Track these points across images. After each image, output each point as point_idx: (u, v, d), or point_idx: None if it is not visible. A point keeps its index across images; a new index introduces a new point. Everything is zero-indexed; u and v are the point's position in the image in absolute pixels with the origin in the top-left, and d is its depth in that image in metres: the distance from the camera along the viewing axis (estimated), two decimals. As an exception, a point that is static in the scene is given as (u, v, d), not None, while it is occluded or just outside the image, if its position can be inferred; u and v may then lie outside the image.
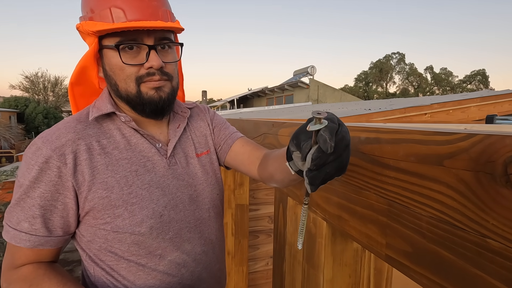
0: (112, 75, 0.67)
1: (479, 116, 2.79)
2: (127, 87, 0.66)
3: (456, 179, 0.36)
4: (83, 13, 0.67)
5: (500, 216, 0.31)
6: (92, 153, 0.66)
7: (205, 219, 0.79)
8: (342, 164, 0.43)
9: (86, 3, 0.66)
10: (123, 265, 0.69)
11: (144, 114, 0.71)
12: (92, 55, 0.66)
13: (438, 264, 0.38)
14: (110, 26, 0.60)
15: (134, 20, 0.61)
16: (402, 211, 0.44)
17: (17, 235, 0.62)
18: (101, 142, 0.68)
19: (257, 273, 2.31)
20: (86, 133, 0.67)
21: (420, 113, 2.65)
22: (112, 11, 0.61)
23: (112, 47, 0.64)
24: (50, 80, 24.28)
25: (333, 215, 0.63)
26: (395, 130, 0.46)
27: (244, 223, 2.06)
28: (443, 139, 0.38)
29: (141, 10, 0.62)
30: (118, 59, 0.64)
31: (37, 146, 0.64)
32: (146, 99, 0.67)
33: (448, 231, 0.37)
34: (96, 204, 0.65)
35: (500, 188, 0.31)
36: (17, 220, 0.62)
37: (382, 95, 39.94)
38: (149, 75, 0.65)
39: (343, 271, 0.70)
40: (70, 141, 0.64)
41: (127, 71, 0.65)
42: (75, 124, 0.68)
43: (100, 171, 0.65)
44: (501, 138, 0.31)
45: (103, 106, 0.69)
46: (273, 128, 0.97)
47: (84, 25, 0.63)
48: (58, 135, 0.65)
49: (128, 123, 0.70)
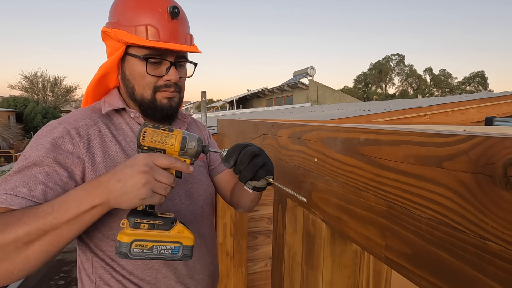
0: (131, 79, 0.75)
1: (478, 117, 2.79)
2: (144, 92, 0.75)
3: (455, 181, 0.36)
4: (114, 20, 0.73)
5: (499, 218, 0.31)
6: (105, 139, 0.73)
7: (198, 214, 0.86)
8: (255, 168, 0.64)
9: (121, 13, 0.72)
10: None
11: (154, 118, 0.80)
12: (117, 60, 0.74)
13: (438, 266, 0.38)
14: (147, 43, 0.69)
15: (165, 41, 0.71)
16: (401, 213, 0.44)
17: (11, 198, 0.57)
18: (112, 132, 0.75)
19: (256, 274, 2.31)
20: (100, 122, 0.74)
21: (419, 114, 2.66)
22: (148, 29, 0.70)
23: (140, 58, 0.72)
24: (50, 80, 24.24)
25: (332, 216, 0.62)
26: (395, 132, 0.46)
27: (243, 224, 2.06)
28: (442, 141, 0.38)
29: (171, 33, 0.73)
30: (141, 67, 0.73)
31: (53, 126, 0.69)
32: (159, 106, 0.77)
33: (448, 233, 0.37)
34: None
35: (499, 190, 0.31)
36: (13, 186, 0.58)
37: (381, 96, 40.00)
38: (166, 86, 0.76)
39: (342, 273, 0.70)
40: (86, 125, 0.71)
41: (148, 79, 0.74)
42: (90, 112, 0.76)
43: (111, 156, 0.72)
44: (501, 140, 0.31)
45: (115, 102, 0.77)
46: (273, 129, 0.97)
47: (117, 33, 0.70)
48: (75, 119, 0.72)
49: (136, 119, 0.79)
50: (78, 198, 0.56)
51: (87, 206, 0.55)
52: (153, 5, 0.72)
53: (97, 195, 0.55)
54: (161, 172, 0.57)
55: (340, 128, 0.60)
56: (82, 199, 0.55)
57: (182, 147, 0.60)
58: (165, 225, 0.60)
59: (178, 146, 0.60)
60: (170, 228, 0.60)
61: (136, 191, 0.55)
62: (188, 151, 0.61)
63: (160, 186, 0.57)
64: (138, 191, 0.55)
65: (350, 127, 0.57)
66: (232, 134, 1.52)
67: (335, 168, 0.61)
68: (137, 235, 0.57)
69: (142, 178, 0.55)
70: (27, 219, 0.53)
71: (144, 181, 0.55)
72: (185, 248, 0.61)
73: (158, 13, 0.71)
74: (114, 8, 0.74)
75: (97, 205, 0.56)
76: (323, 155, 0.66)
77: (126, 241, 0.56)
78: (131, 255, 0.57)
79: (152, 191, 0.56)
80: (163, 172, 0.58)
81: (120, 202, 0.56)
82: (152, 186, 0.56)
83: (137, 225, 0.58)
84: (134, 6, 0.71)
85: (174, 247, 0.60)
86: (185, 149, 0.61)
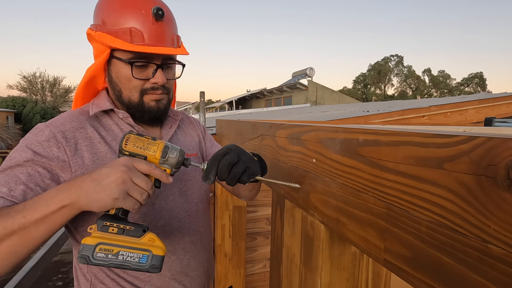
0: (117, 82, 0.75)
1: (477, 118, 2.79)
2: (131, 95, 0.75)
3: (456, 183, 0.35)
4: (98, 22, 0.72)
5: (501, 221, 0.30)
6: (93, 141, 0.72)
7: (193, 211, 0.86)
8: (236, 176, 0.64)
9: (105, 15, 0.71)
10: None
11: (142, 120, 0.80)
12: (103, 63, 0.73)
13: (438, 270, 0.37)
14: (131, 48, 0.68)
15: (150, 44, 0.70)
16: (401, 215, 0.43)
17: None
18: (101, 134, 0.74)
19: (254, 275, 2.30)
20: (87, 124, 0.74)
21: (418, 115, 2.66)
22: (132, 32, 0.69)
23: (124, 61, 0.71)
24: (49, 80, 24.16)
25: (331, 218, 0.62)
26: (394, 132, 0.45)
27: (242, 225, 2.05)
28: (443, 141, 0.37)
29: (157, 36, 0.71)
30: (127, 71, 0.72)
31: (40, 129, 0.68)
32: (147, 109, 0.76)
33: (448, 236, 0.36)
34: None
35: (502, 192, 0.30)
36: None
37: (380, 97, 40.07)
38: (153, 89, 0.75)
39: (341, 275, 0.69)
40: (73, 128, 0.71)
41: (134, 83, 0.73)
42: (78, 115, 0.75)
43: (100, 158, 0.71)
44: (503, 141, 0.30)
45: (102, 103, 0.76)
46: (271, 129, 0.96)
47: (100, 37, 0.69)
48: (62, 122, 0.71)
49: (125, 119, 0.77)
50: (48, 197, 0.54)
51: (56, 205, 0.53)
52: (136, 7, 0.70)
53: (67, 194, 0.54)
54: (139, 175, 0.56)
55: (339, 128, 0.59)
56: (52, 198, 0.54)
57: (163, 155, 0.60)
58: (135, 231, 0.57)
59: (159, 154, 0.60)
60: (140, 235, 0.58)
61: (110, 189, 0.53)
62: (169, 160, 0.61)
63: (136, 189, 0.55)
64: (112, 190, 0.53)
65: (349, 128, 0.56)
66: (231, 135, 1.51)
67: (333, 169, 0.60)
68: (103, 238, 0.55)
69: (118, 178, 0.53)
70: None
71: (120, 180, 0.53)
72: (154, 257, 0.57)
73: (142, 15, 0.69)
74: (97, 9, 0.73)
75: (66, 205, 0.54)
76: (321, 156, 0.65)
77: (90, 243, 0.53)
78: (93, 259, 0.53)
79: (127, 192, 0.54)
80: (141, 175, 0.56)
81: (91, 202, 0.53)
82: (127, 187, 0.54)
83: (105, 228, 0.55)
84: (118, 8, 0.70)
85: (142, 255, 0.56)
86: (166, 158, 0.61)
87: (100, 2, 0.73)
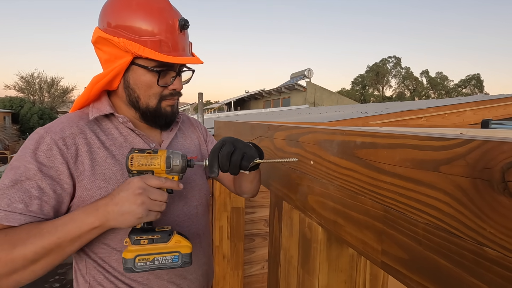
0: (135, 89, 0.75)
1: (474, 120, 2.81)
2: (149, 102, 0.76)
3: (453, 186, 0.35)
4: (119, 28, 0.70)
5: (497, 224, 0.30)
6: (92, 146, 0.72)
7: (193, 215, 0.86)
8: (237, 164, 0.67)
9: (129, 21, 0.69)
10: (115, 256, 0.73)
11: (155, 124, 0.81)
12: (123, 70, 0.72)
13: (435, 272, 0.37)
14: (162, 59, 0.69)
15: (177, 55, 0.72)
16: (398, 217, 0.43)
17: (9, 215, 0.61)
18: (101, 138, 0.74)
19: (252, 276, 2.30)
20: (87, 129, 0.73)
21: (416, 116, 2.66)
22: (161, 43, 0.70)
23: (149, 69, 0.71)
24: (46, 81, 24.06)
25: (328, 220, 0.62)
26: (391, 135, 0.45)
27: (240, 226, 2.05)
28: (439, 144, 0.37)
29: (180, 45, 0.73)
30: (149, 78, 0.73)
31: (40, 135, 0.68)
32: (163, 114, 0.78)
33: (445, 238, 0.36)
34: (94, 193, 0.69)
35: (497, 195, 0.30)
36: (9, 202, 0.61)
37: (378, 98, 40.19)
38: (171, 95, 0.77)
39: (339, 277, 0.69)
40: (73, 134, 0.71)
41: (155, 90, 0.75)
42: (77, 119, 0.74)
43: (100, 163, 0.71)
44: (498, 144, 0.30)
45: (103, 107, 0.76)
46: (269, 131, 0.96)
47: (126, 44, 0.67)
48: (62, 127, 0.70)
49: (125, 123, 0.77)
50: (79, 220, 0.62)
51: (87, 227, 0.61)
52: (165, 17, 0.71)
53: (96, 218, 0.61)
54: (154, 191, 0.63)
55: (336, 130, 0.59)
56: (83, 222, 0.61)
57: (168, 165, 0.66)
58: (163, 238, 0.66)
59: (164, 165, 0.65)
60: (168, 240, 0.67)
61: (133, 211, 0.60)
62: (174, 168, 0.66)
63: (154, 204, 0.63)
64: (135, 211, 0.61)
65: (346, 130, 0.56)
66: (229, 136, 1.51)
67: (331, 171, 0.60)
68: (139, 250, 0.64)
69: (137, 200, 0.60)
70: (33, 239, 0.58)
71: (140, 201, 0.61)
72: (183, 256, 0.67)
73: (169, 25, 0.71)
74: (117, 15, 0.70)
75: (97, 226, 0.62)
76: (319, 157, 0.65)
77: (130, 257, 0.63)
78: (136, 268, 0.63)
79: (148, 210, 0.62)
80: (156, 190, 0.63)
81: (118, 223, 0.62)
82: (147, 206, 0.61)
83: (137, 241, 0.65)
84: (145, 16, 0.70)
85: (174, 257, 0.66)
86: (171, 167, 0.66)
87: (118, 8, 0.71)
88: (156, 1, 0.71)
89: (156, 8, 0.71)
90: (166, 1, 0.73)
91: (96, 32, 0.72)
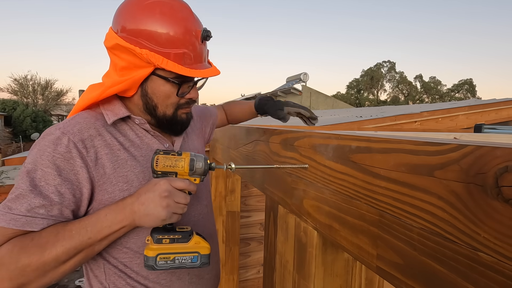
0: (153, 98, 0.74)
1: (467, 124, 2.85)
2: (167, 110, 0.76)
3: (447, 191, 0.35)
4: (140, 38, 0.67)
5: (491, 229, 0.30)
6: (112, 148, 0.71)
7: (204, 214, 0.87)
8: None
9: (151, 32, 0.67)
10: (137, 260, 0.73)
11: (170, 131, 0.81)
12: (142, 79, 0.70)
13: (430, 277, 0.37)
14: (187, 73, 0.69)
15: (199, 67, 0.72)
16: (393, 222, 0.43)
17: (31, 221, 0.60)
18: (119, 140, 0.73)
19: (248, 281, 2.28)
20: (105, 130, 0.72)
21: (410, 120, 2.69)
22: (184, 55, 0.69)
23: (170, 81, 0.71)
24: (40, 83, 23.81)
25: (324, 224, 0.62)
26: (386, 140, 0.45)
27: (235, 230, 2.04)
28: (434, 149, 0.37)
29: (201, 56, 0.74)
30: (168, 88, 0.72)
31: (57, 136, 0.65)
32: (179, 121, 0.79)
33: (439, 243, 0.36)
34: (116, 196, 0.69)
35: (491, 200, 0.30)
36: (29, 207, 0.60)
37: (373, 102, 40.55)
38: (187, 103, 0.78)
39: (334, 282, 0.69)
40: (91, 136, 0.69)
41: (173, 100, 0.75)
42: (94, 120, 0.72)
43: (121, 165, 0.71)
44: (491, 150, 0.30)
45: (119, 111, 0.74)
46: (264, 135, 0.96)
47: (149, 55, 0.65)
48: (80, 128, 0.68)
49: (142, 125, 0.77)
50: (108, 220, 0.64)
51: (118, 226, 0.64)
52: (189, 28, 0.69)
53: (125, 217, 0.64)
54: (179, 194, 0.65)
55: (331, 135, 0.59)
56: (112, 221, 0.64)
57: (191, 168, 0.67)
58: (183, 238, 0.69)
59: (187, 168, 0.67)
60: (188, 241, 0.69)
61: (158, 213, 0.62)
62: (197, 171, 0.68)
63: (178, 207, 0.65)
64: (160, 213, 0.62)
65: (342, 134, 0.56)
66: (224, 139, 1.51)
67: (326, 176, 0.60)
68: (160, 249, 0.66)
69: (163, 202, 0.62)
70: (62, 241, 0.60)
71: (165, 204, 0.62)
72: (202, 256, 0.70)
73: (193, 37, 0.70)
74: (139, 21, 0.67)
75: (126, 225, 0.64)
76: (314, 162, 0.65)
77: (152, 255, 0.65)
78: (157, 266, 0.66)
79: (172, 212, 0.64)
80: (181, 193, 0.65)
81: (143, 222, 0.64)
82: (172, 209, 0.64)
83: (159, 240, 0.66)
84: (169, 26, 0.67)
85: (193, 257, 0.69)
86: (194, 170, 0.68)
87: (140, 14, 0.67)
88: (179, 11, 0.69)
89: (180, 18, 0.68)
90: (189, 10, 0.71)
91: (113, 38, 0.68)
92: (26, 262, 0.57)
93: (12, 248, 0.58)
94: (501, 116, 3.03)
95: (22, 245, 0.58)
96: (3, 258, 0.57)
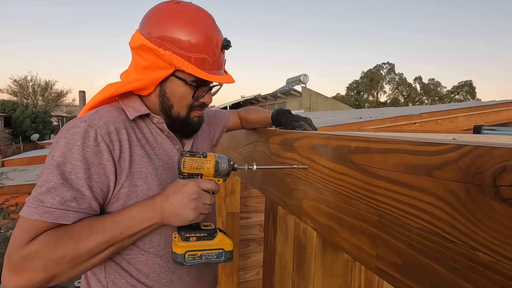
0: (170, 98, 0.77)
1: (467, 125, 2.85)
2: (181, 111, 0.79)
3: (445, 190, 0.35)
4: (165, 40, 0.71)
5: (489, 228, 0.30)
6: (131, 143, 0.73)
7: (210, 213, 0.88)
8: None
9: (175, 35, 0.71)
10: (141, 258, 0.74)
11: (182, 133, 0.84)
12: (161, 80, 0.74)
13: (428, 277, 0.38)
14: (206, 77, 0.72)
15: (215, 73, 0.75)
16: (392, 222, 0.43)
17: (64, 214, 0.62)
18: (137, 136, 0.76)
19: (247, 282, 2.27)
20: (127, 125, 0.74)
21: (410, 122, 2.70)
22: (204, 61, 0.73)
23: (188, 83, 0.74)
24: (40, 84, 23.80)
25: (323, 225, 0.62)
26: (385, 140, 0.46)
27: (235, 232, 2.03)
28: (432, 149, 0.37)
29: (219, 63, 0.77)
30: (185, 90, 0.76)
31: (84, 129, 0.66)
32: (191, 123, 0.82)
33: (438, 243, 0.36)
34: (130, 191, 0.70)
35: (489, 200, 0.30)
36: (61, 201, 0.61)
37: (373, 104, 40.59)
38: (201, 107, 0.81)
39: (334, 282, 0.69)
40: (116, 130, 0.71)
41: (188, 101, 0.78)
42: (117, 115, 0.74)
43: (137, 161, 0.73)
44: (489, 150, 0.31)
45: (139, 107, 0.77)
46: (264, 136, 0.96)
47: (171, 57, 0.69)
48: (105, 122, 0.70)
49: (159, 124, 0.79)
50: (139, 216, 0.66)
51: (148, 224, 0.67)
52: (211, 36, 0.73)
53: (155, 215, 0.66)
54: (206, 196, 0.68)
55: (331, 135, 0.59)
56: (143, 218, 0.66)
57: (216, 169, 0.69)
58: (209, 236, 0.72)
59: (212, 169, 0.69)
60: (213, 238, 0.72)
61: (187, 214, 0.66)
62: (221, 172, 0.70)
63: (205, 207, 0.68)
64: (188, 214, 0.66)
65: (341, 135, 0.56)
66: (224, 140, 1.51)
67: (326, 176, 0.60)
68: (188, 246, 0.69)
69: (192, 204, 0.65)
70: (95, 235, 0.62)
71: (194, 206, 0.66)
72: (226, 252, 0.73)
73: (214, 44, 0.74)
74: (165, 25, 0.71)
75: (155, 223, 0.67)
76: (314, 162, 0.65)
77: (181, 253, 0.68)
78: (186, 262, 0.69)
79: (199, 213, 0.67)
80: (207, 195, 0.68)
81: (172, 221, 0.67)
82: (199, 210, 0.67)
83: (187, 238, 0.70)
84: (193, 33, 0.71)
85: (218, 253, 0.72)
86: (219, 171, 0.70)
87: (167, 19, 0.71)
88: (204, 19, 0.74)
89: (204, 26, 0.73)
90: (212, 20, 0.76)
91: (139, 39, 0.72)
92: (61, 254, 0.59)
93: (47, 241, 0.59)
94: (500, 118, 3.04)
95: (57, 238, 0.60)
96: (39, 250, 0.58)
